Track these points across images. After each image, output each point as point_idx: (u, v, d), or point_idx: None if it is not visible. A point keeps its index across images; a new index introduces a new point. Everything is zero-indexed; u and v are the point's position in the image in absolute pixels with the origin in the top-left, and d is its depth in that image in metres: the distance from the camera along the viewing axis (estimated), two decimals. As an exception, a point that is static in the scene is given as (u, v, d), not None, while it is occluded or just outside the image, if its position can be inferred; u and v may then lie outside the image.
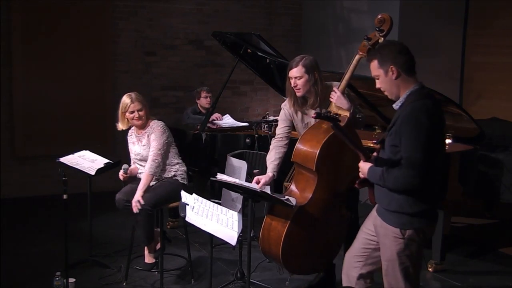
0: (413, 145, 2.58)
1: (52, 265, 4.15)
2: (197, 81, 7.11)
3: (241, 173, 4.11)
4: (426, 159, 2.57)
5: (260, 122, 5.14)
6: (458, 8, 6.54)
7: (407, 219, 2.69)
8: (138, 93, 4.28)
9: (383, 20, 3.20)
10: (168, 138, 4.21)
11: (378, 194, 2.81)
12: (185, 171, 4.29)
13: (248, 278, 3.55)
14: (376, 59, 2.73)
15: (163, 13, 7.00)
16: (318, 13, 7.48)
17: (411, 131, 2.59)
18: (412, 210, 2.67)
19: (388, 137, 2.72)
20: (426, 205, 2.69)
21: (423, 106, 2.62)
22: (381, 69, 2.72)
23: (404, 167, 2.60)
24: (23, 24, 6.25)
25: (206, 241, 3.91)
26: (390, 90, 2.75)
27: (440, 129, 2.68)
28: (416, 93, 2.69)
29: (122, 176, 4.17)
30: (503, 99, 6.16)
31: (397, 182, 2.63)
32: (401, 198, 2.67)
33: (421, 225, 2.71)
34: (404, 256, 2.74)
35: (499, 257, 4.90)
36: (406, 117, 2.62)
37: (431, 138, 2.59)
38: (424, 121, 2.57)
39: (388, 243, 2.77)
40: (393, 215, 2.73)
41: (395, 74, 2.70)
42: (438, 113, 2.67)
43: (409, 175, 2.59)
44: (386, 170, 2.67)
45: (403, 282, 2.77)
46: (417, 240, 2.73)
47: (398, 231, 2.71)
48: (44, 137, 6.43)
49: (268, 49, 5.39)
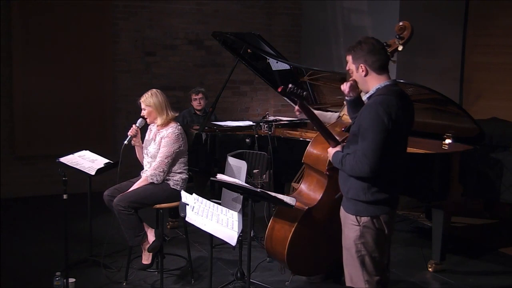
0: (368, 134, 2.72)
1: (52, 265, 4.16)
2: (197, 81, 7.11)
3: (241, 173, 4.11)
4: (378, 150, 2.70)
5: (260, 122, 5.14)
6: (458, 8, 6.54)
7: (363, 206, 2.83)
8: (159, 93, 4.20)
9: (404, 28, 3.18)
10: (180, 147, 4.14)
11: (341, 181, 2.97)
12: (182, 178, 4.19)
13: (248, 278, 3.55)
14: (351, 55, 2.90)
15: (163, 13, 7.00)
16: (318, 13, 7.48)
17: (368, 121, 2.73)
18: (367, 198, 2.81)
19: (352, 125, 2.90)
20: (381, 194, 2.81)
21: (385, 100, 2.76)
22: (353, 65, 2.90)
23: (358, 154, 2.76)
24: (23, 24, 6.25)
25: (206, 241, 3.91)
26: (361, 84, 2.92)
27: (399, 124, 2.77)
28: (384, 88, 2.83)
29: (134, 130, 4.18)
30: (503, 99, 6.15)
31: (352, 168, 2.80)
32: (357, 185, 2.82)
33: (376, 213, 2.83)
34: (360, 243, 2.85)
35: (499, 257, 4.90)
36: (366, 107, 2.79)
37: (386, 131, 2.71)
38: (381, 114, 2.71)
39: (346, 231, 2.92)
40: (350, 202, 2.89)
41: (364, 72, 2.85)
42: (401, 110, 2.77)
43: (361, 162, 2.74)
44: (345, 155, 2.86)
45: (361, 270, 2.87)
46: (373, 228, 2.83)
47: (354, 218, 2.86)
48: (44, 137, 6.43)
49: (268, 49, 5.39)
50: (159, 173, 4.07)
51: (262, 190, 3.44)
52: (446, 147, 4.58)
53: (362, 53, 2.83)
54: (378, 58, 2.83)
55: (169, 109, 4.19)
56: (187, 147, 4.25)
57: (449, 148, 4.57)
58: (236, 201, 4.12)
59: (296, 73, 5.53)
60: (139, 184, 4.08)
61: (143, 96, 4.20)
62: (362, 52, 2.83)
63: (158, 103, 4.15)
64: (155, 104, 4.15)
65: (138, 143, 4.31)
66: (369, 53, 2.82)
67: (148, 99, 4.17)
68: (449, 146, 4.57)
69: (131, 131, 4.22)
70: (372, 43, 2.85)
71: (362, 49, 2.84)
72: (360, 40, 2.90)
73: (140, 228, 4.04)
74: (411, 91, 4.38)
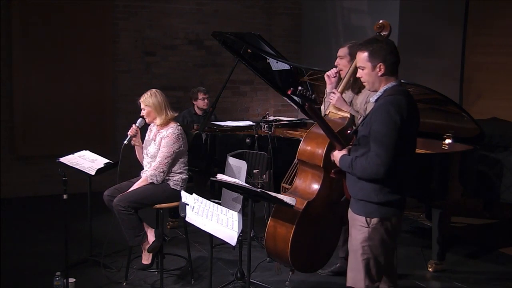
0: (381, 135, 2.68)
1: (52, 265, 4.16)
2: (197, 81, 7.11)
3: (241, 173, 4.11)
4: (392, 150, 2.67)
5: (260, 122, 5.14)
6: (458, 8, 6.54)
7: (373, 207, 2.79)
8: (158, 93, 4.20)
9: (383, 26, 3.24)
10: (180, 147, 4.14)
11: (349, 184, 2.92)
12: (182, 178, 4.19)
13: (248, 278, 3.55)
14: (367, 52, 2.80)
15: (163, 13, 7.00)
16: (318, 13, 7.48)
17: (380, 122, 2.70)
18: (378, 199, 2.77)
19: (361, 127, 2.85)
20: (393, 195, 2.78)
21: (395, 100, 2.73)
22: (369, 63, 2.80)
23: (371, 156, 2.72)
24: (23, 24, 6.25)
25: (206, 241, 3.91)
26: (372, 83, 2.84)
27: (410, 124, 2.76)
28: (392, 89, 2.80)
29: (133, 130, 4.19)
30: (503, 99, 6.16)
31: (364, 170, 2.75)
32: (368, 187, 2.78)
33: (387, 214, 2.80)
34: (367, 246, 2.81)
35: (499, 257, 4.90)
36: (377, 109, 2.75)
37: (398, 131, 2.68)
38: (393, 114, 2.68)
39: (354, 232, 2.88)
40: (360, 203, 2.84)
41: (382, 72, 2.79)
42: (410, 110, 2.76)
43: (375, 164, 2.69)
44: (355, 158, 2.79)
45: (364, 274, 2.82)
46: (382, 231, 2.80)
47: (364, 219, 2.81)
48: (44, 137, 6.43)
49: (268, 49, 5.39)
50: (159, 173, 4.07)
51: (262, 190, 3.44)
52: (446, 147, 4.58)
53: (383, 52, 2.76)
54: (396, 60, 2.80)
55: (168, 109, 4.19)
56: (187, 147, 4.25)
57: (449, 148, 4.57)
58: (236, 201, 4.11)
59: (296, 73, 5.53)
60: (139, 184, 4.08)
61: (143, 96, 4.21)
62: (382, 51, 2.77)
63: (157, 103, 4.16)
64: (154, 104, 4.15)
65: (138, 143, 4.31)
66: (389, 54, 2.77)
67: (148, 99, 4.17)
68: (449, 146, 4.57)
69: (131, 131, 4.22)
70: (392, 43, 2.82)
71: (382, 48, 2.77)
72: (376, 39, 2.85)
73: (140, 228, 4.04)
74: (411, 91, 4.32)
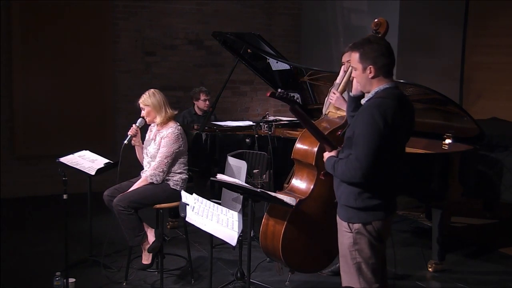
0: (362, 138, 2.61)
1: (52, 265, 4.16)
2: (197, 81, 7.11)
3: (241, 173, 4.11)
4: (372, 155, 2.59)
5: (260, 122, 5.13)
6: (458, 8, 6.54)
7: (354, 212, 2.73)
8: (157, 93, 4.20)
9: (379, 23, 3.22)
10: (180, 147, 4.14)
11: (334, 186, 2.87)
12: (182, 178, 4.19)
13: (248, 278, 3.55)
14: (358, 53, 2.71)
15: (163, 13, 7.00)
16: (318, 13, 7.48)
17: (363, 125, 2.62)
18: (357, 204, 2.71)
19: (348, 129, 2.80)
20: (372, 200, 2.70)
21: (382, 103, 2.63)
22: (360, 64, 2.72)
23: (351, 159, 2.65)
24: (23, 24, 6.25)
25: (206, 241, 3.91)
26: (364, 85, 2.77)
27: (396, 128, 2.65)
28: (383, 91, 2.70)
29: (134, 130, 4.19)
30: (503, 99, 6.16)
31: (343, 173, 2.70)
32: (348, 191, 2.73)
33: (367, 219, 2.72)
34: (355, 251, 2.76)
35: (499, 257, 4.90)
36: (362, 111, 2.68)
37: (381, 136, 2.59)
38: (377, 118, 2.58)
39: (340, 238, 2.84)
40: (343, 208, 2.79)
41: (372, 74, 2.70)
42: (399, 114, 2.65)
43: (353, 167, 2.63)
44: (338, 160, 2.75)
45: (357, 278, 2.77)
46: (366, 235, 2.73)
47: (347, 224, 2.77)
48: (44, 137, 6.44)
49: (268, 49, 5.39)
50: (159, 173, 4.07)
51: (262, 190, 3.44)
52: (446, 147, 4.58)
53: (373, 54, 2.66)
54: (389, 62, 2.69)
55: (167, 107, 4.20)
56: (187, 147, 4.25)
57: (449, 148, 4.56)
58: (236, 201, 4.11)
59: (296, 73, 5.53)
60: (139, 184, 4.08)
61: (141, 97, 4.21)
62: (373, 53, 2.66)
63: (156, 102, 4.17)
64: (153, 103, 4.16)
65: (138, 143, 4.32)
66: (380, 56, 2.66)
67: (147, 99, 4.18)
68: (449, 146, 4.57)
69: (131, 130, 4.23)
70: (384, 46, 2.70)
71: (373, 50, 2.67)
72: (369, 39, 2.72)
73: (140, 228, 4.04)
74: (411, 91, 4.39)
